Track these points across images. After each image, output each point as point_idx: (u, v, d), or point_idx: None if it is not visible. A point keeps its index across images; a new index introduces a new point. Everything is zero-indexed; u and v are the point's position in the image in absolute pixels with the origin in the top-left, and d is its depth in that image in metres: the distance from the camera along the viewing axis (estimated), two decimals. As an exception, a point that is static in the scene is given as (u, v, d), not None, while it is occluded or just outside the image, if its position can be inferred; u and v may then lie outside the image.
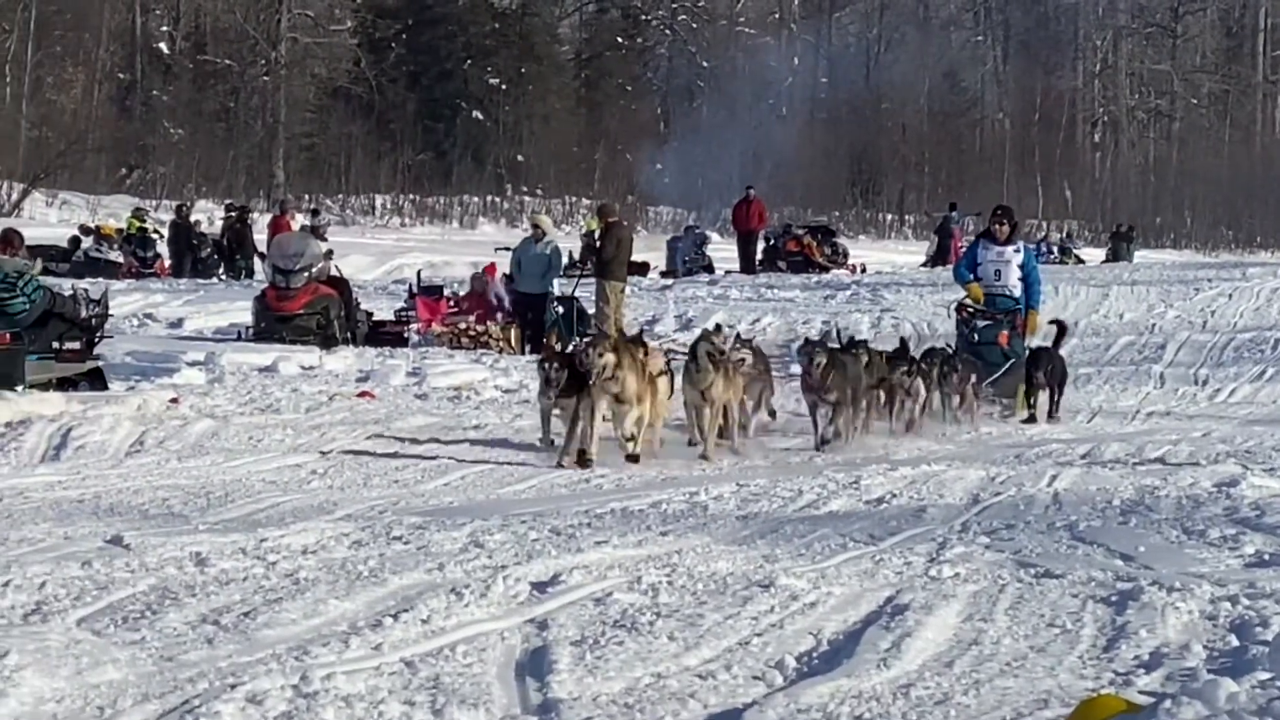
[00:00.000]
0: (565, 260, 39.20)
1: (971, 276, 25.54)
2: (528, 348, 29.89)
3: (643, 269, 49.29)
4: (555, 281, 32.66)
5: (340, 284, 32.68)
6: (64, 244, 51.16)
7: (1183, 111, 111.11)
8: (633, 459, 16.99)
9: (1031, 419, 22.86)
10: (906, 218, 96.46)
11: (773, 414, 21.86)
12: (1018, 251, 25.42)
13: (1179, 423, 23.43)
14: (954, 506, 14.18)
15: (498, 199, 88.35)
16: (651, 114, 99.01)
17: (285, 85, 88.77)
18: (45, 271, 26.91)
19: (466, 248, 58.90)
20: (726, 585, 10.02)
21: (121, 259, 52.11)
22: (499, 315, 31.74)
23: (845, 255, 60.99)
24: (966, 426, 21.40)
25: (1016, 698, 7.52)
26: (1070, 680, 7.86)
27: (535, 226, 33.90)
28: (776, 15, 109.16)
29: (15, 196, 73.72)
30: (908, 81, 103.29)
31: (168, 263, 53.92)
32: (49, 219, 67.11)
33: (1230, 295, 38.98)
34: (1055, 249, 67.09)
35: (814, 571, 10.49)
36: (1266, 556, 11.10)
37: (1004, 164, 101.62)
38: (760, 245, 58.01)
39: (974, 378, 22.38)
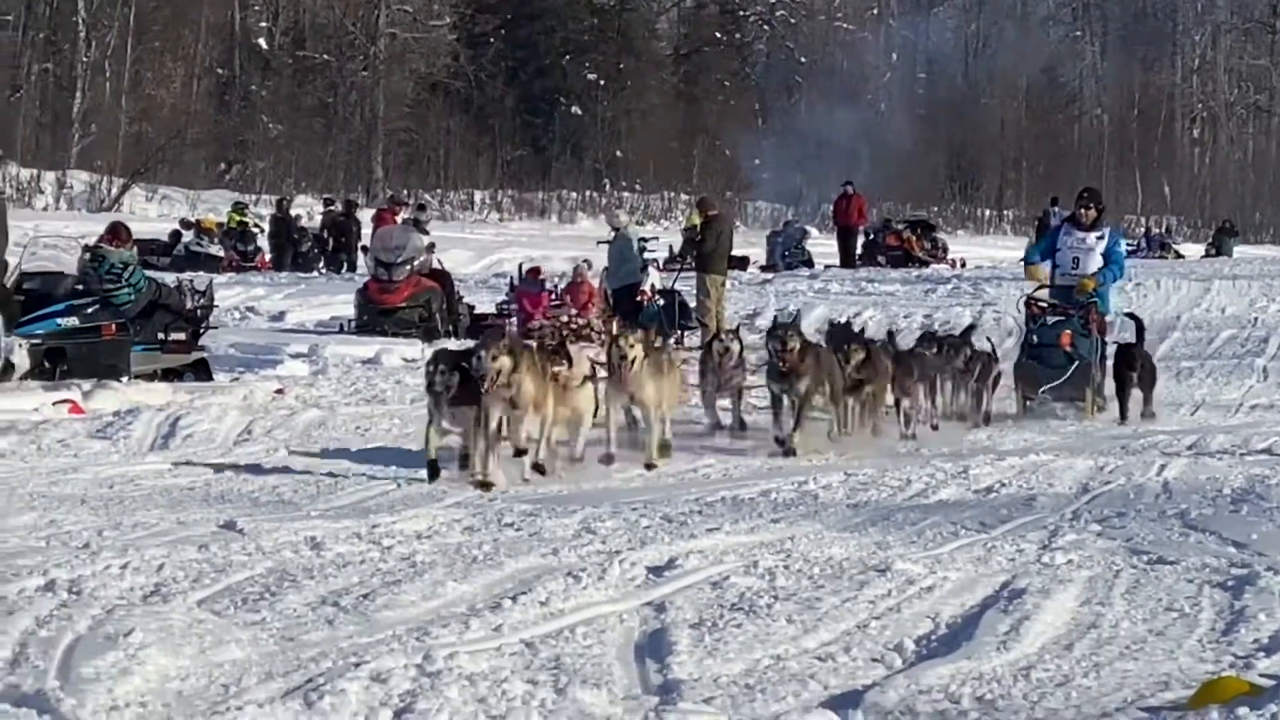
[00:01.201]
0: (662, 253, 40.34)
1: (1039, 259, 24.52)
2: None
3: (743, 263, 49.74)
4: (654, 275, 33.14)
5: (442, 277, 33.35)
6: (165, 238, 52.49)
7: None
8: (536, 468, 15.62)
9: (1123, 417, 22.04)
10: (1005, 213, 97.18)
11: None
12: (1101, 239, 23.44)
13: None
14: (1064, 495, 14.34)
15: (596, 194, 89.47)
16: (749, 109, 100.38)
17: (384, 80, 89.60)
18: (145, 266, 27.35)
19: (565, 243, 59.59)
20: (842, 570, 10.21)
21: (222, 253, 53.23)
22: (598, 308, 31.75)
23: (945, 250, 61.51)
24: (912, 428, 20.30)
25: (1137, 680, 7.58)
26: (1190, 663, 7.92)
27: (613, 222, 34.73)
28: (875, 10, 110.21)
29: (115, 191, 74.71)
30: (1006, 77, 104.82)
31: (268, 256, 55.06)
32: (149, 214, 67.86)
33: (1332, 290, 39.01)
34: (1155, 244, 67.31)
35: (928, 557, 10.66)
36: None
37: (1102, 159, 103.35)
38: (860, 240, 58.55)
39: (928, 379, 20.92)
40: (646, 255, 33.76)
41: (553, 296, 32.55)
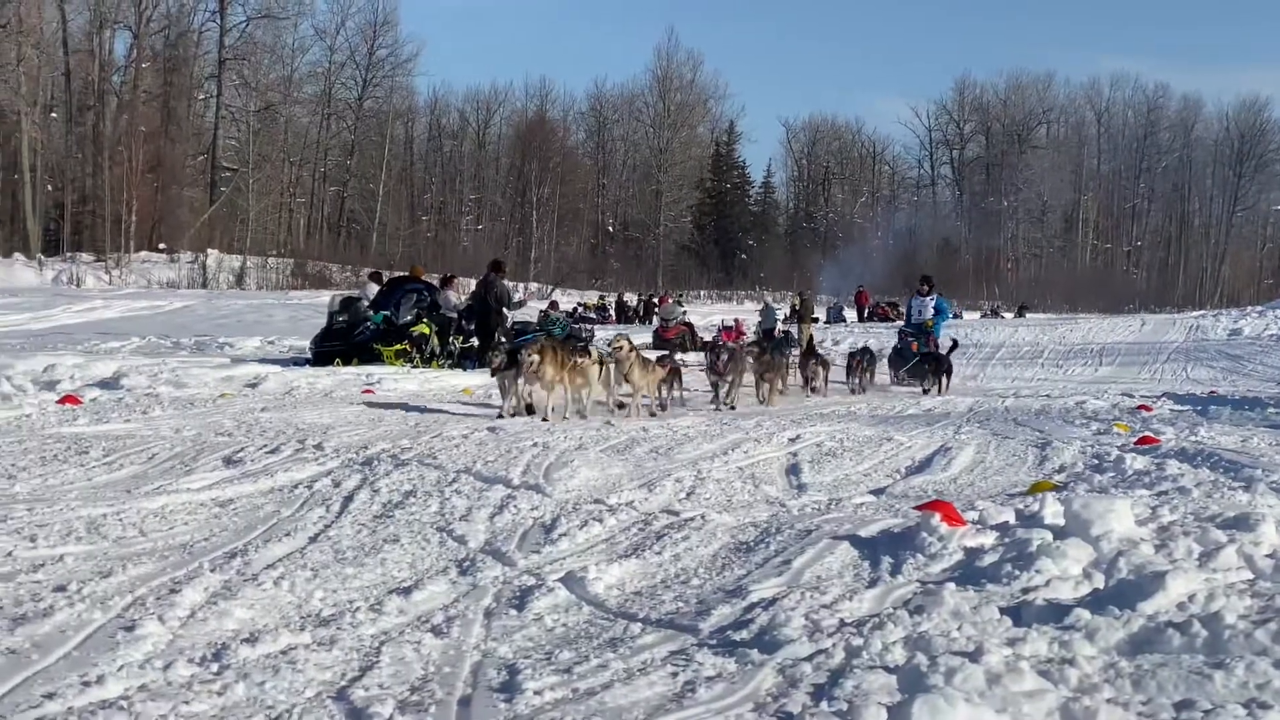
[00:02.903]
0: (784, 313, 55.72)
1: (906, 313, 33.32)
2: None
3: (815, 319, 59.91)
4: (779, 324, 46.61)
5: (689, 325, 50.52)
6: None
7: None
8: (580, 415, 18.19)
9: (925, 392, 27.14)
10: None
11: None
12: (931, 300, 31.03)
13: (1053, 384, 30.87)
14: (961, 413, 20.59)
15: (755, 289, 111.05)
16: (817, 251, 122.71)
17: (663, 241, 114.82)
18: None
19: (742, 312, 64.77)
20: (869, 440, 15.34)
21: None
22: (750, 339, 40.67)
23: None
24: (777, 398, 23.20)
25: (1002, 483, 12.14)
26: (1025, 477, 12.48)
27: None
28: (872, 212, 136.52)
29: (550, 290, 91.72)
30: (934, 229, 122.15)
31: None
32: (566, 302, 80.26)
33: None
34: (992, 311, 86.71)
35: (906, 436, 15.93)
36: (1100, 429, 17.10)
37: (969, 273, 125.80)
38: (865, 309, 76.78)
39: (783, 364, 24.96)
40: (776, 315, 50.13)
41: (731, 333, 40.12)
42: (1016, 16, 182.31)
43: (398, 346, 27.46)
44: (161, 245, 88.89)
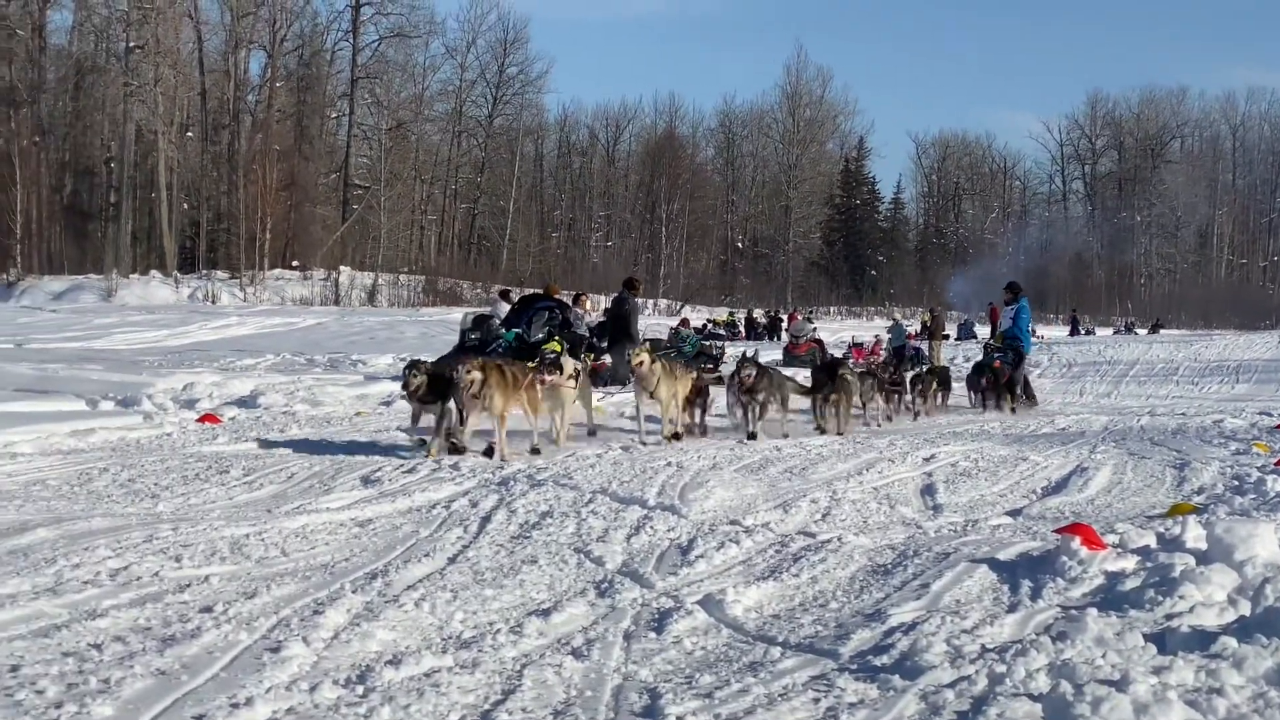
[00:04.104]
0: (914, 329, 54.87)
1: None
2: None
3: (945, 336, 59.85)
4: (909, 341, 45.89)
5: (819, 341, 49.83)
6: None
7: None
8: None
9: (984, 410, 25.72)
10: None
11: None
12: (1014, 310, 28.03)
13: (1188, 402, 30.18)
14: (1096, 432, 20.20)
15: (884, 305, 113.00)
16: (948, 267, 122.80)
17: (791, 260, 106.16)
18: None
19: (871, 329, 64.33)
20: (1004, 460, 15.21)
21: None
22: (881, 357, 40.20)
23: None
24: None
25: (1140, 504, 12.05)
26: (1164, 499, 12.39)
27: None
28: (1002, 228, 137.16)
29: (680, 306, 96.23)
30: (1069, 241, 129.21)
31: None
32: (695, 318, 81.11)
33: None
34: (1127, 328, 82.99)
35: (1041, 455, 15.73)
36: (1238, 449, 16.87)
37: (1101, 286, 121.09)
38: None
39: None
40: (905, 332, 49.95)
41: (862, 351, 39.94)
42: (1149, 30, 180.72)
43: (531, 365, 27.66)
44: (295, 262, 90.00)
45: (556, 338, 27.42)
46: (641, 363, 16.91)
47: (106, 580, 7.60)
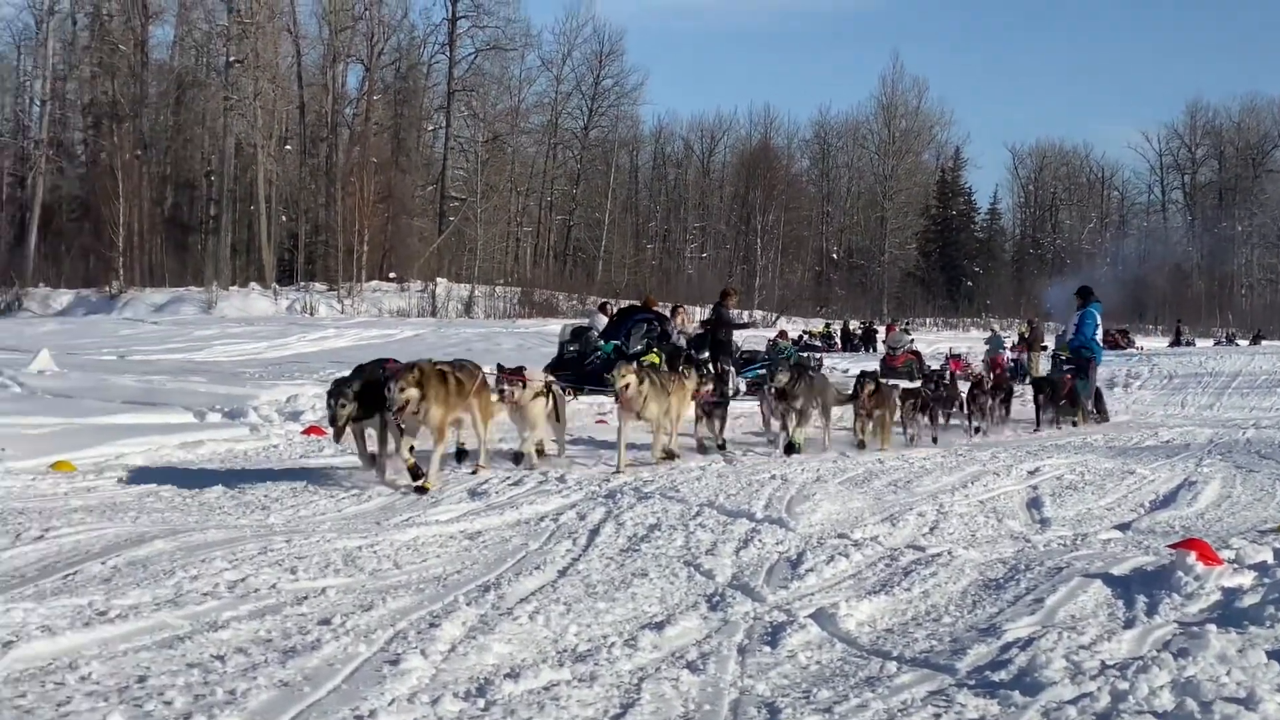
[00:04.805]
0: (1013, 341, 55.40)
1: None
2: None
3: (1044, 348, 58.63)
4: (1008, 352, 46.33)
5: (917, 354, 46.43)
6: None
7: None
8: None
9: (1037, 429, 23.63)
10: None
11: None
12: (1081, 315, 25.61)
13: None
14: (1202, 445, 19.91)
15: (981, 317, 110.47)
16: (1045, 278, 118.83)
17: (888, 271, 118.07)
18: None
19: (969, 341, 63.62)
20: (1110, 473, 15.06)
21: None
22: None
23: (1130, 341, 72.05)
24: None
25: (1250, 519, 11.93)
26: (1274, 514, 12.19)
27: None
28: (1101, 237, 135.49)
29: (775, 318, 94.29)
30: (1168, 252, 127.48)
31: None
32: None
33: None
34: (1227, 339, 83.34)
35: (1147, 468, 15.59)
36: None
37: (1201, 298, 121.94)
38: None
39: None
40: (1004, 343, 48.33)
41: (959, 362, 38.41)
42: (1249, 39, 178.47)
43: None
44: (392, 274, 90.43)
45: (655, 349, 27.54)
46: (627, 385, 14.93)
47: (225, 592, 7.71)
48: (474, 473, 13.84)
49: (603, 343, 28.66)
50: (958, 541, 10.17)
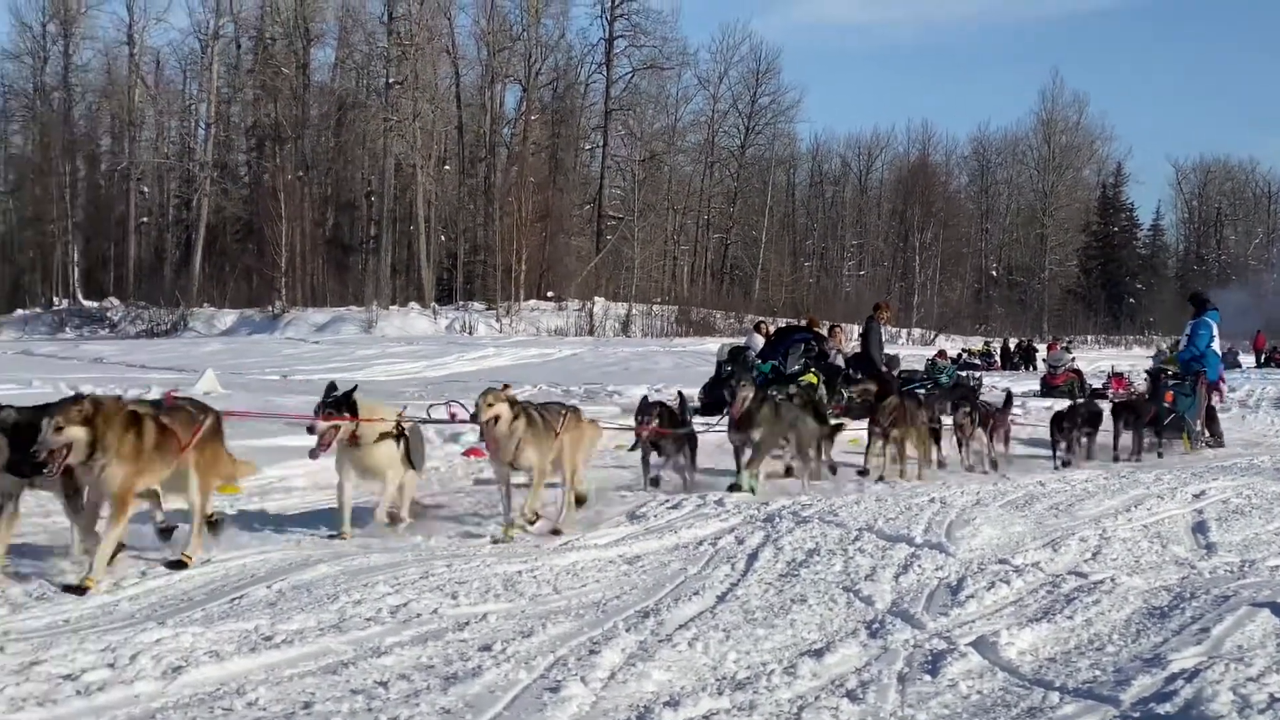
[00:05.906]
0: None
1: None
2: None
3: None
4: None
5: (1077, 371, 44.19)
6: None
7: None
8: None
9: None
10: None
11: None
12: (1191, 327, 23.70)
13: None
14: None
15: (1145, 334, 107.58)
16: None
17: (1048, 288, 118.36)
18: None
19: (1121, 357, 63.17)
20: (1279, 497, 14.48)
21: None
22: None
23: None
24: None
25: None
26: None
27: None
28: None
29: (934, 335, 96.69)
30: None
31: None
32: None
33: None
34: None
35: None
36: None
37: None
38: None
39: None
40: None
41: (1122, 380, 37.76)
42: None
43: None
44: (549, 293, 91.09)
45: (812, 369, 27.41)
46: (495, 419, 11.22)
47: (388, 617, 7.84)
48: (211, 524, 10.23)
49: (760, 362, 28.58)
50: (1121, 568, 10.01)
